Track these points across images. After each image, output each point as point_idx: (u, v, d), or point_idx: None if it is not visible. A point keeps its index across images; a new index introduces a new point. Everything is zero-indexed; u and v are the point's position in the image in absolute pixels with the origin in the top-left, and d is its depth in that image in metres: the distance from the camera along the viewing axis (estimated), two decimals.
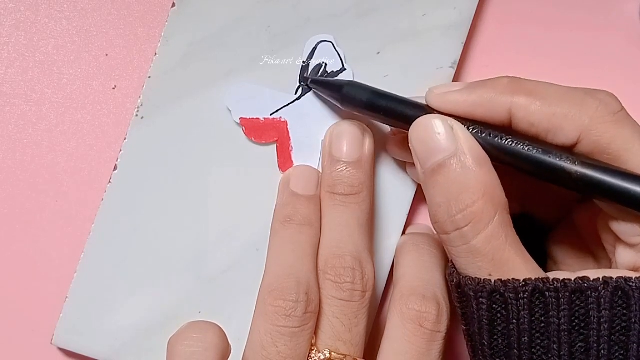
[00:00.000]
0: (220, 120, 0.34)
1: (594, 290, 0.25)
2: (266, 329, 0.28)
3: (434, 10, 0.34)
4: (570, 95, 0.27)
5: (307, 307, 0.28)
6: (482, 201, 0.26)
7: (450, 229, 0.27)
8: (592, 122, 0.26)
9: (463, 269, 0.27)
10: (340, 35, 0.34)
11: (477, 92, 0.28)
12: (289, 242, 0.31)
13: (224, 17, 0.34)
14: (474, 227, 0.26)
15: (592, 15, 0.36)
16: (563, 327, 0.25)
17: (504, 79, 0.28)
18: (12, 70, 0.36)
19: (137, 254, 0.34)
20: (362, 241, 0.31)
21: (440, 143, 0.27)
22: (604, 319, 0.25)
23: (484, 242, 0.26)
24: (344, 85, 0.31)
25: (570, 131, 0.26)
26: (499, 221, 0.26)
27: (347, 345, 0.29)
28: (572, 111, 0.26)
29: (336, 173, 0.31)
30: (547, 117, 0.27)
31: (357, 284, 0.29)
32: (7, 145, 0.36)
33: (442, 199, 0.27)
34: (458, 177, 0.26)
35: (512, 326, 0.26)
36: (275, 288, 0.28)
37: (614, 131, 0.26)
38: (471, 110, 0.28)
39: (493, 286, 0.26)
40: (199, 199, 0.34)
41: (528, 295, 0.25)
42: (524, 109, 0.27)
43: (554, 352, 0.25)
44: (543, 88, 0.27)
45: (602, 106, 0.26)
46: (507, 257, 0.26)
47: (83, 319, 0.34)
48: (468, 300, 0.27)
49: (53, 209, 0.36)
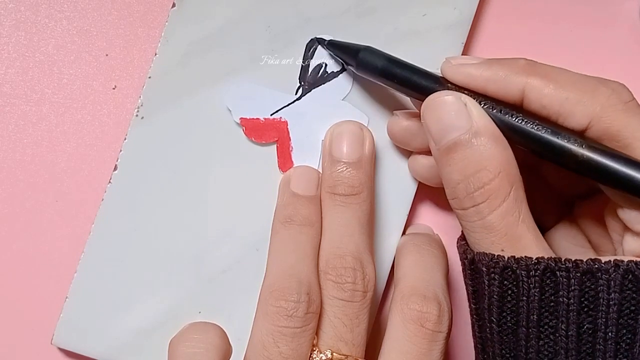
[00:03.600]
0: (220, 120, 0.34)
1: (604, 272, 0.25)
2: (268, 329, 0.28)
3: (434, 10, 0.34)
4: (583, 82, 0.27)
5: (308, 307, 0.28)
6: (498, 178, 0.26)
7: (468, 205, 0.27)
8: (603, 109, 0.26)
9: (476, 244, 0.28)
10: (340, 35, 0.34)
11: (493, 68, 0.28)
12: (290, 243, 0.31)
13: (224, 17, 0.34)
14: (490, 203, 0.26)
15: (592, 15, 0.36)
16: (572, 307, 0.25)
17: (520, 60, 0.28)
18: (12, 70, 0.36)
19: (137, 254, 0.34)
20: (363, 241, 0.31)
21: (454, 120, 0.27)
22: (613, 301, 0.25)
23: (499, 217, 0.26)
24: (361, 50, 0.31)
25: (581, 117, 0.27)
26: (513, 197, 0.26)
27: (348, 345, 0.29)
28: (584, 97, 0.27)
29: (336, 173, 0.31)
30: (559, 101, 0.27)
31: (358, 284, 0.29)
32: (7, 145, 0.36)
33: (460, 177, 0.27)
34: (474, 154, 0.27)
35: (522, 303, 0.26)
36: (276, 288, 0.28)
37: (624, 119, 0.26)
38: (484, 85, 0.28)
39: (506, 262, 0.26)
40: (199, 198, 0.34)
41: (539, 274, 0.26)
42: (537, 91, 0.27)
43: (561, 332, 0.26)
44: (558, 73, 0.28)
45: (614, 95, 0.27)
46: (520, 233, 0.26)
47: (83, 319, 0.34)
48: (480, 276, 0.27)
49: (53, 209, 0.36)
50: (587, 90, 0.27)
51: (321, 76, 0.34)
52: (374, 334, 0.33)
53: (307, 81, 0.34)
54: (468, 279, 0.29)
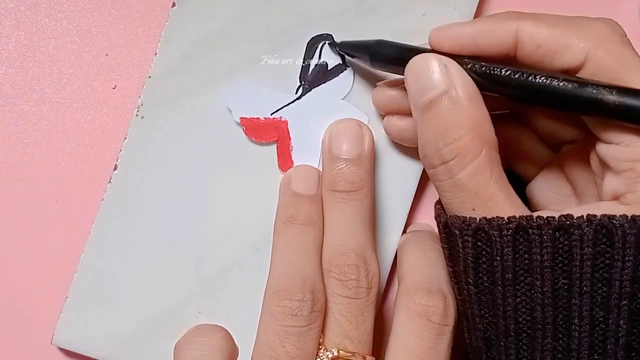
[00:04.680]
0: (221, 120, 0.34)
1: (576, 228, 0.25)
2: (273, 329, 0.28)
3: (434, 10, 0.34)
4: (576, 19, 0.27)
5: (313, 306, 0.28)
6: (469, 136, 0.26)
7: (437, 163, 0.27)
8: (599, 42, 0.26)
9: (449, 205, 0.28)
10: (340, 35, 0.34)
11: (481, 21, 0.28)
12: (293, 242, 0.31)
13: (224, 17, 0.34)
14: (460, 161, 0.26)
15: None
16: (546, 264, 0.25)
17: (508, 11, 0.28)
18: (12, 70, 0.36)
19: (137, 254, 0.34)
20: (365, 238, 0.31)
21: (433, 80, 0.27)
22: (586, 256, 0.25)
23: (469, 176, 0.26)
24: (372, 45, 0.31)
25: (577, 50, 0.26)
26: (485, 157, 0.26)
27: (354, 342, 0.29)
28: (579, 31, 0.27)
29: (336, 171, 0.32)
30: (554, 36, 0.27)
31: (362, 280, 0.29)
32: (7, 145, 0.36)
33: (431, 134, 0.27)
34: (447, 112, 0.27)
35: (496, 263, 0.26)
36: (280, 288, 0.28)
37: (621, 50, 0.26)
38: (475, 39, 0.28)
39: (478, 224, 0.26)
40: (199, 198, 0.34)
41: (512, 233, 0.26)
42: (530, 31, 0.27)
43: (537, 289, 0.26)
44: (548, 15, 0.28)
45: (609, 28, 0.27)
46: (491, 192, 0.26)
47: (83, 319, 0.34)
48: (454, 239, 0.28)
49: (53, 209, 0.36)
50: (581, 25, 0.27)
51: (321, 76, 0.34)
52: (377, 331, 0.33)
53: (308, 81, 0.34)
54: (443, 242, 0.29)
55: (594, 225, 0.25)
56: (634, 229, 0.24)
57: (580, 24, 0.27)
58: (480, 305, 0.27)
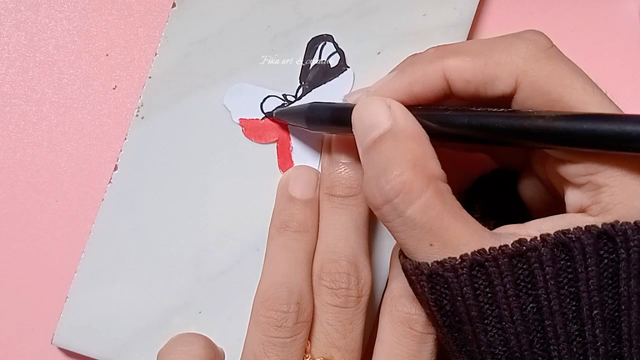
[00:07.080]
0: (220, 120, 0.34)
1: (533, 250, 0.24)
2: (259, 339, 0.28)
3: (434, 10, 0.34)
4: (497, 44, 0.26)
5: (298, 317, 0.28)
6: (411, 172, 0.25)
7: (381, 202, 0.26)
8: (525, 62, 0.26)
9: (404, 245, 0.26)
10: (340, 35, 0.34)
11: (407, 70, 0.28)
12: (283, 250, 0.31)
13: (224, 17, 0.34)
14: (405, 198, 0.25)
15: (592, 15, 0.36)
16: (510, 293, 0.25)
17: (429, 50, 0.28)
18: (12, 70, 0.36)
19: (137, 254, 0.34)
20: (359, 244, 0.31)
21: (376, 120, 0.27)
22: (549, 275, 0.24)
23: (419, 213, 0.25)
24: (306, 110, 0.31)
25: (506, 77, 0.26)
26: (433, 191, 0.25)
27: (341, 351, 0.29)
28: (502, 57, 0.26)
29: (335, 174, 0.32)
30: (479, 69, 0.26)
31: (352, 289, 0.29)
32: (7, 145, 0.36)
33: (373, 173, 0.26)
34: (389, 149, 0.26)
35: (459, 303, 0.25)
36: (267, 298, 0.29)
37: (549, 67, 0.25)
38: (410, 90, 0.27)
39: (430, 269, 0.25)
40: (199, 198, 0.34)
41: (467, 270, 0.25)
42: (455, 69, 0.26)
43: (506, 319, 0.25)
44: (469, 45, 0.27)
45: (532, 44, 0.26)
46: (447, 224, 0.25)
47: (83, 319, 0.34)
48: (412, 284, 0.27)
49: (53, 209, 0.36)
50: (503, 50, 0.26)
51: (322, 76, 0.34)
52: (372, 336, 0.33)
53: (308, 81, 0.34)
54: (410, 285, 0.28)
55: (549, 244, 0.24)
56: (591, 238, 0.24)
57: (504, 47, 0.26)
58: (455, 342, 0.27)
